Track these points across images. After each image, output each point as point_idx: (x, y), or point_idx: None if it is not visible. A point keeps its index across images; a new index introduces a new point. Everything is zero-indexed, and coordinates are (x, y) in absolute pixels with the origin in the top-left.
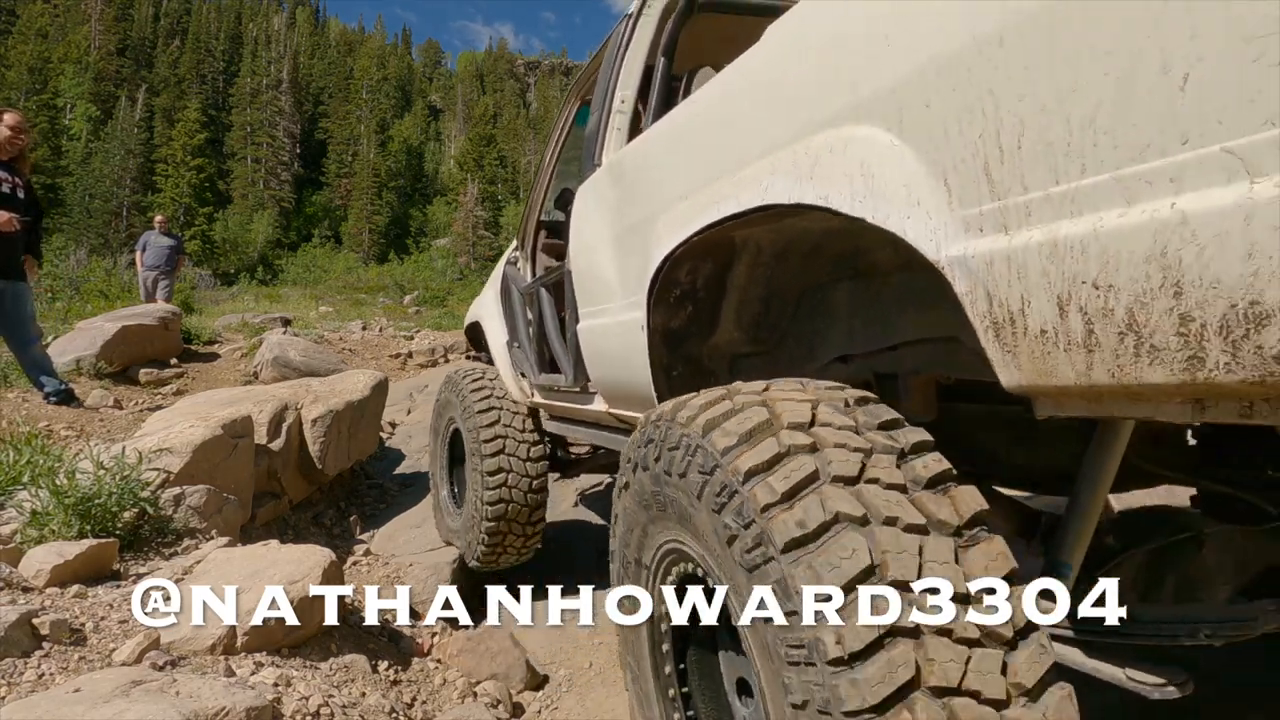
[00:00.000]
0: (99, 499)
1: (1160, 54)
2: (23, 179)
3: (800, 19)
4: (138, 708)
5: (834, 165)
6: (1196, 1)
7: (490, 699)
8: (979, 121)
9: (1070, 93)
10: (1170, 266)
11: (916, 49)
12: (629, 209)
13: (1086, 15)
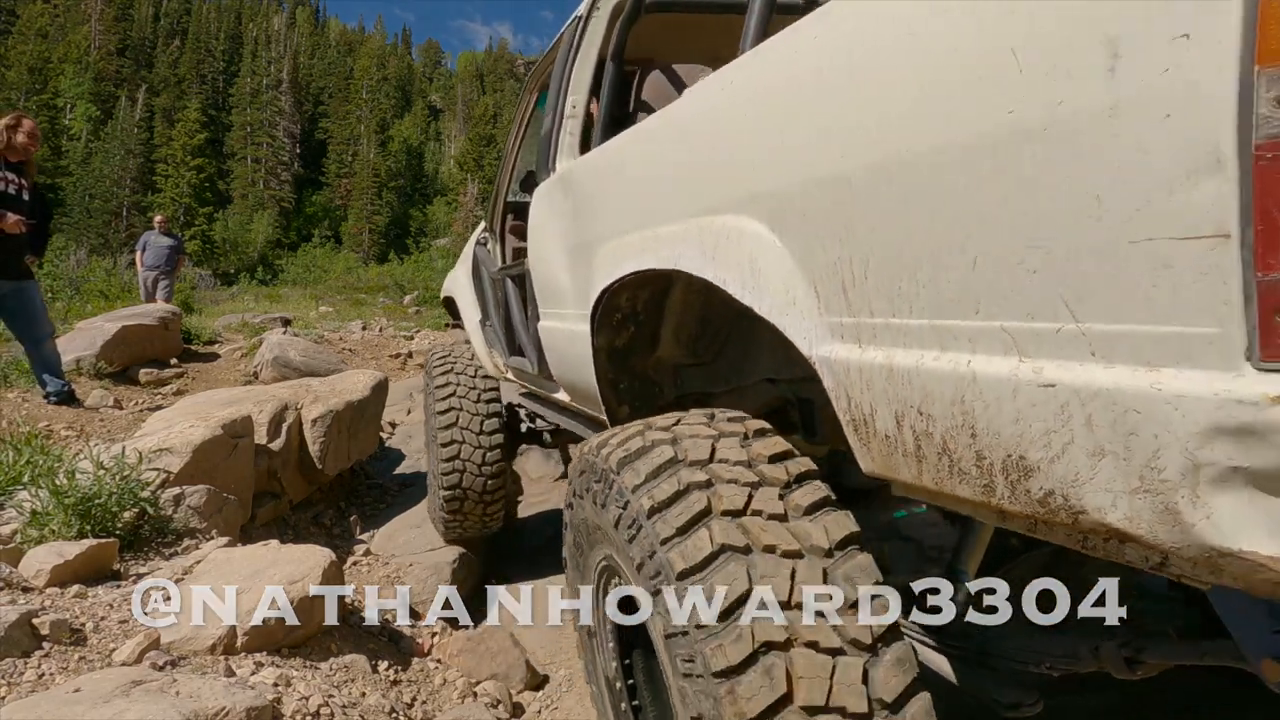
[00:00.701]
0: (99, 499)
1: (961, 233)
2: (29, 181)
3: (713, 96)
4: (138, 708)
5: (730, 252)
6: (983, 200)
7: (490, 699)
8: (839, 245)
9: (902, 243)
10: (968, 412)
11: (797, 165)
12: (577, 226)
13: (909, 181)
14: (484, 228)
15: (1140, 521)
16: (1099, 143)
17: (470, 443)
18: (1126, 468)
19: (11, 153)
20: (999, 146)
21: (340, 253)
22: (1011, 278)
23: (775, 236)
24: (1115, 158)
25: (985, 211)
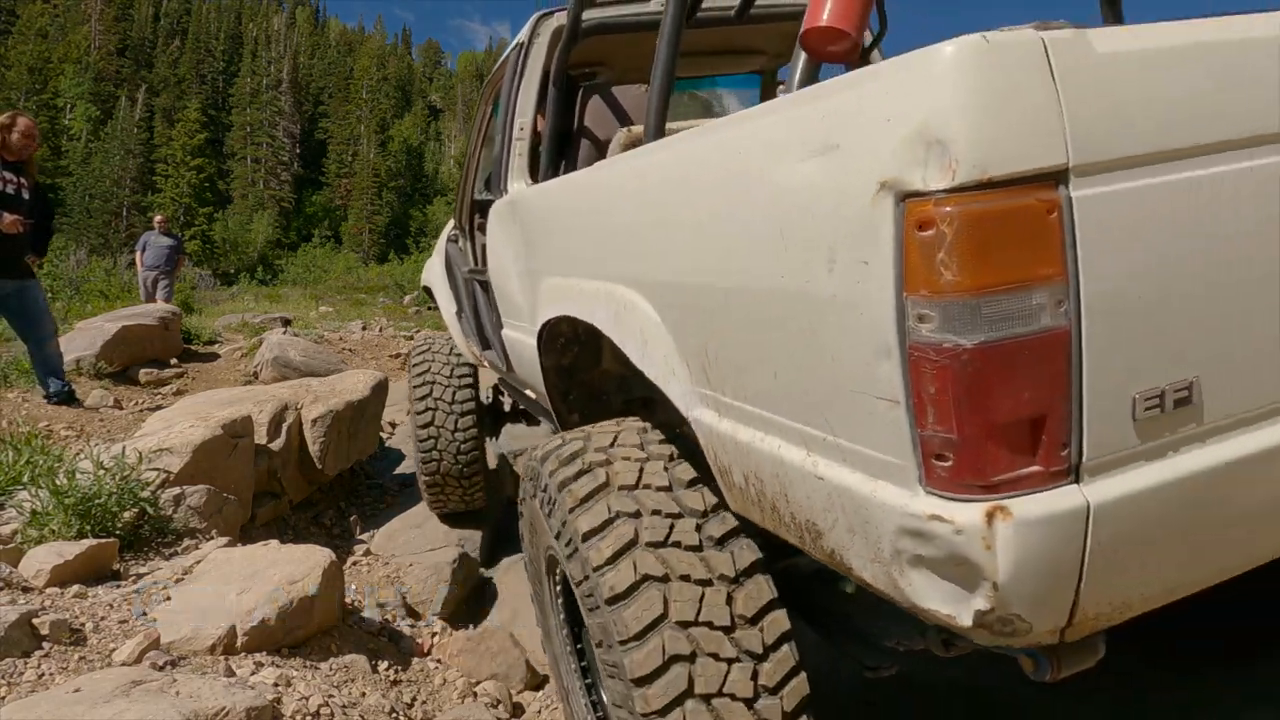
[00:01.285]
0: (99, 499)
1: (763, 351)
2: (29, 180)
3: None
4: (138, 708)
5: (629, 321)
6: (769, 331)
7: (490, 699)
8: (699, 335)
9: (733, 346)
10: (782, 485)
11: (670, 266)
12: (526, 253)
13: (729, 304)
14: (454, 224)
15: (880, 581)
16: (829, 317)
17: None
18: (866, 545)
19: (8, 152)
20: (775, 298)
21: (340, 253)
22: (797, 392)
23: (659, 316)
24: (839, 330)
25: (773, 339)
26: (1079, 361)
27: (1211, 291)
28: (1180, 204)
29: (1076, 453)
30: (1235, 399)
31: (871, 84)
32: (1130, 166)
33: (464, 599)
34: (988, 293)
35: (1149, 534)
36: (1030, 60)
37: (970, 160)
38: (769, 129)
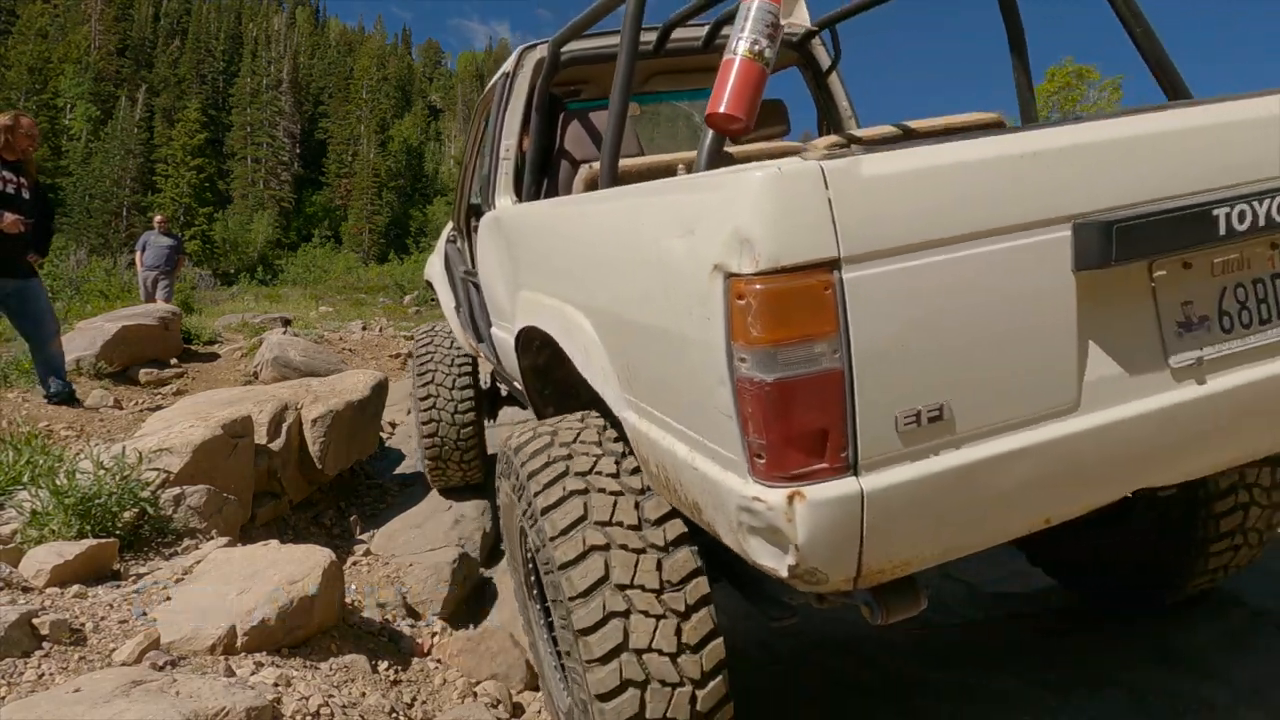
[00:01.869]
0: (99, 499)
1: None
2: (29, 179)
3: (570, 222)
4: (138, 708)
5: (576, 337)
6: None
7: (490, 699)
8: (623, 353)
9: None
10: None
11: (600, 295)
12: (509, 264)
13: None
14: (453, 227)
15: (735, 545)
16: (693, 352)
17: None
18: (724, 519)
19: (9, 152)
20: (665, 334)
21: (340, 253)
22: (682, 403)
23: (596, 335)
24: (698, 363)
25: (666, 363)
26: (851, 391)
27: (957, 338)
28: (928, 278)
29: (853, 454)
30: (980, 416)
31: (713, 193)
32: (887, 255)
33: (464, 599)
34: (782, 344)
35: (912, 512)
36: (811, 184)
37: (768, 254)
38: (659, 208)
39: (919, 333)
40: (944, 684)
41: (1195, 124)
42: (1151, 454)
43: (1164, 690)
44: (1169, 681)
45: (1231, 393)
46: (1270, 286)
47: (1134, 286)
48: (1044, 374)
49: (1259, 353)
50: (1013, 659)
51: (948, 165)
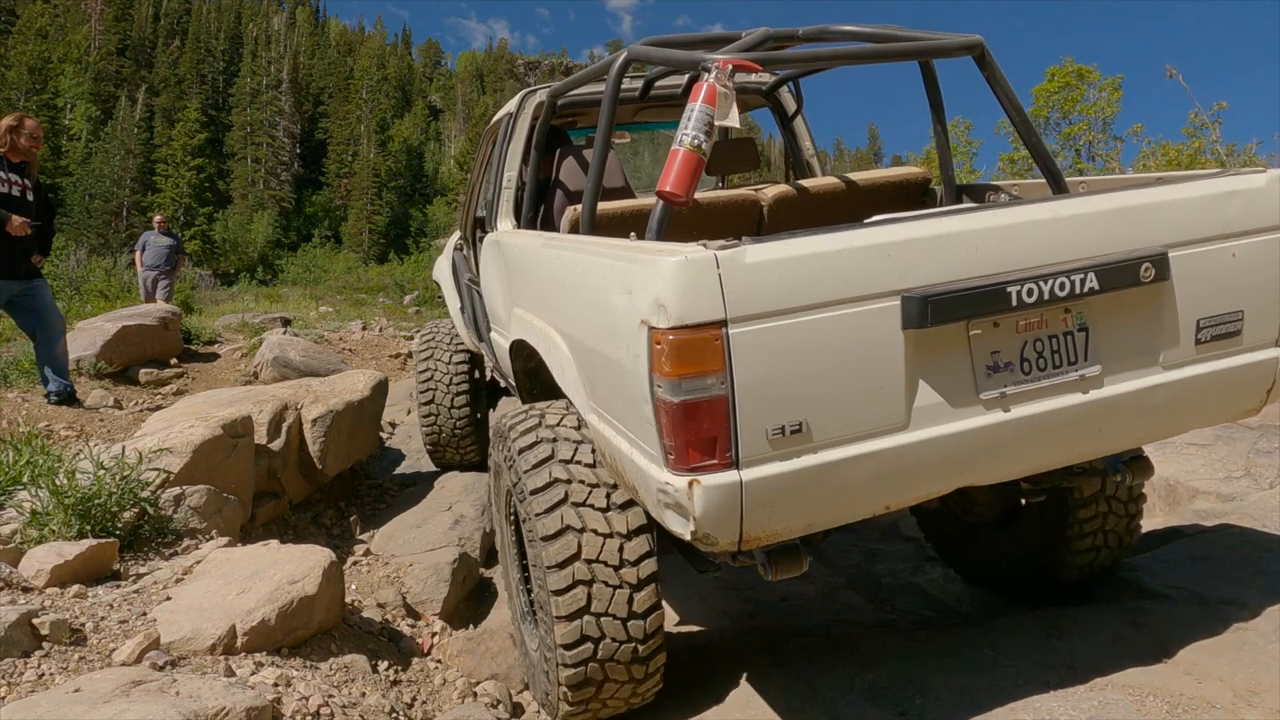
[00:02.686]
0: (99, 499)
1: (612, 391)
2: (32, 181)
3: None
4: (138, 708)
5: (555, 355)
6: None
7: (490, 699)
8: (588, 370)
9: (597, 380)
10: (623, 465)
11: (570, 323)
12: (507, 282)
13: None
14: (460, 235)
15: (658, 516)
16: (630, 378)
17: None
18: (651, 498)
19: (14, 154)
20: (614, 361)
21: (340, 253)
22: (625, 413)
23: (570, 354)
24: (633, 385)
25: (614, 382)
26: (734, 410)
27: (813, 375)
28: (792, 333)
29: (735, 454)
30: (831, 430)
31: (644, 267)
32: (760, 317)
33: (464, 599)
34: (685, 377)
35: (779, 497)
36: (708, 268)
37: (676, 315)
38: (612, 268)
39: (784, 371)
40: (945, 685)
41: (999, 223)
42: (965, 462)
43: (1164, 690)
44: (1169, 681)
45: (1028, 418)
46: (1063, 341)
47: (954, 338)
48: (881, 401)
49: (1051, 390)
50: (1014, 658)
51: (808, 254)
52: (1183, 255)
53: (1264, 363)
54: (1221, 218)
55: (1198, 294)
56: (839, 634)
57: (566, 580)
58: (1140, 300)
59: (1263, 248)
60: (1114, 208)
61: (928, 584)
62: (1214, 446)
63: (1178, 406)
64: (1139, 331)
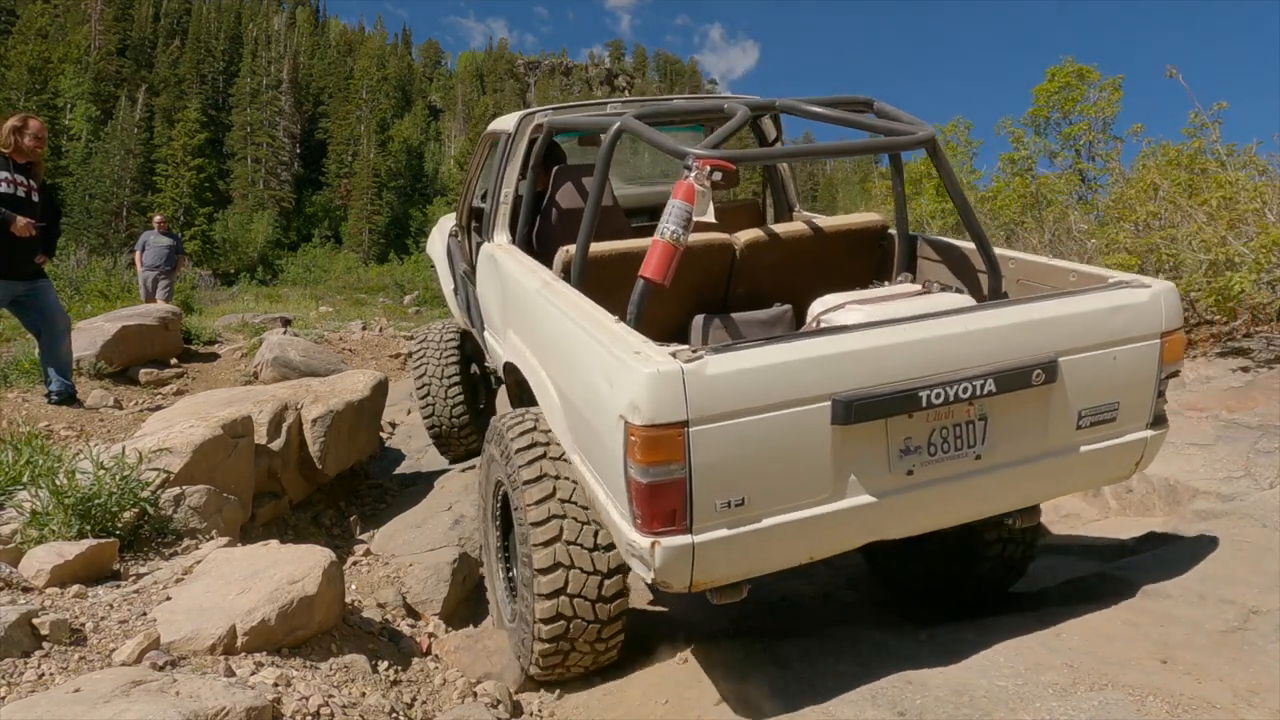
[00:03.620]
0: (99, 499)
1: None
2: (38, 182)
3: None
4: (138, 708)
5: (545, 395)
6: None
7: (490, 699)
8: (574, 421)
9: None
10: (585, 487)
11: (563, 373)
12: (501, 299)
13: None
14: (456, 223)
15: (626, 559)
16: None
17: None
18: (621, 545)
19: (20, 154)
20: (596, 430)
21: (340, 253)
22: (603, 471)
23: (559, 401)
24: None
25: (598, 447)
26: (690, 490)
27: (758, 462)
28: (741, 429)
29: (690, 522)
30: (769, 503)
31: (623, 367)
32: (716, 419)
33: (464, 599)
34: (652, 464)
35: (725, 553)
36: (675, 378)
37: (647, 416)
38: (596, 353)
39: (733, 458)
40: (945, 684)
41: (917, 337)
42: (877, 522)
43: (1164, 690)
44: (1169, 681)
45: (930, 489)
46: (965, 428)
47: (874, 429)
48: (811, 478)
49: (951, 466)
50: (1014, 658)
51: (757, 367)
52: (1071, 360)
53: (1134, 442)
54: (1109, 328)
55: (1081, 390)
56: (839, 634)
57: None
58: (1032, 396)
59: (1141, 351)
60: (1016, 322)
61: None
62: (1214, 446)
63: (1057, 476)
64: (1029, 419)
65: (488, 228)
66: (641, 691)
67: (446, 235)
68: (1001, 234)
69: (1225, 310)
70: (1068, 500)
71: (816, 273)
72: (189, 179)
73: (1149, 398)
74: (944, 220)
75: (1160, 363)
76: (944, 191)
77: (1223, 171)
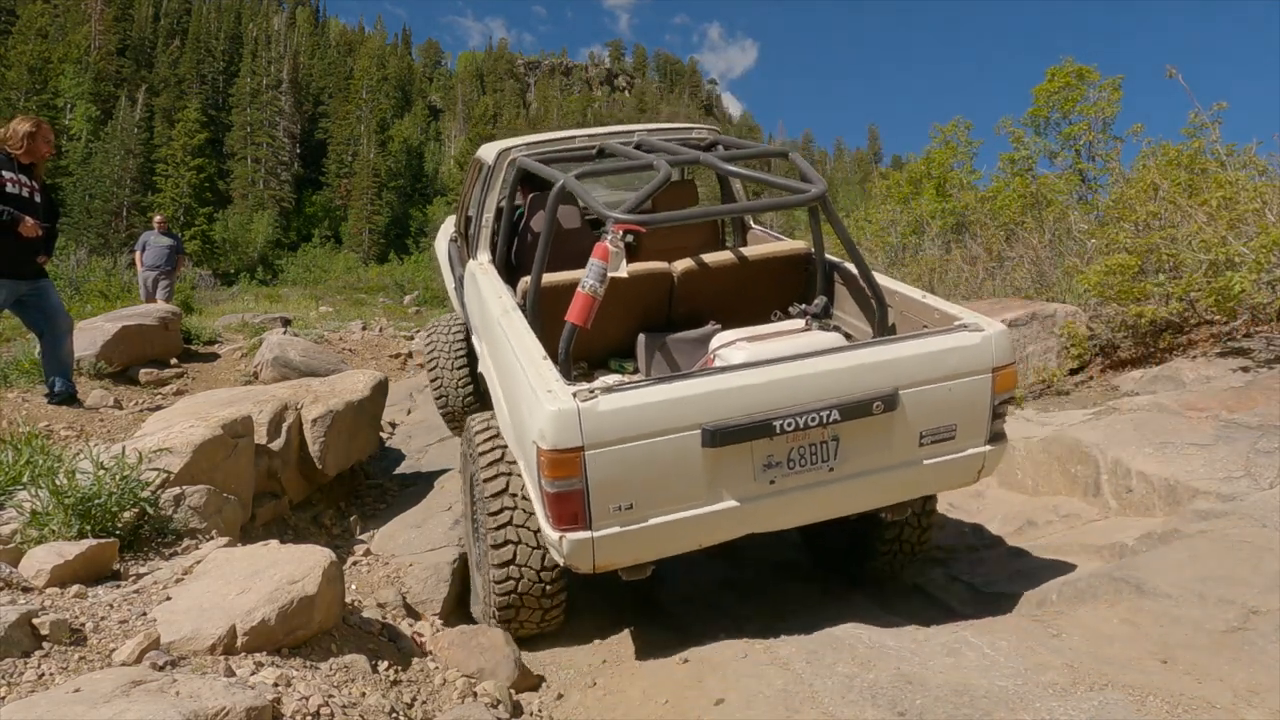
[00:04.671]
0: (99, 499)
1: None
2: (39, 183)
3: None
4: (138, 708)
5: (498, 407)
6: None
7: (490, 699)
8: (512, 433)
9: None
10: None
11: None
12: (478, 314)
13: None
14: (456, 228)
15: (548, 548)
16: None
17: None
18: (543, 536)
19: (28, 157)
20: (525, 452)
21: (340, 253)
22: (531, 478)
23: (507, 414)
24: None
25: (526, 461)
26: (588, 498)
27: (641, 476)
28: (628, 452)
29: (589, 522)
30: (652, 507)
31: (538, 401)
32: (607, 444)
33: (464, 599)
34: (556, 479)
35: (618, 544)
36: (573, 414)
37: (550, 443)
38: (525, 387)
39: (621, 474)
40: (945, 684)
41: (776, 378)
42: (746, 520)
43: (1164, 690)
44: (1169, 681)
45: (788, 495)
46: (819, 447)
47: (740, 449)
48: (687, 488)
49: (807, 477)
50: (1014, 658)
51: (640, 404)
52: (910, 392)
53: (974, 455)
54: (944, 366)
55: (921, 415)
56: (839, 634)
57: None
58: (876, 421)
59: (973, 384)
60: (861, 363)
61: (928, 585)
62: (1214, 447)
63: (904, 483)
64: (875, 439)
65: (473, 247)
66: (641, 691)
67: (448, 236)
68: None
69: (1225, 310)
70: (1068, 500)
71: (746, 295)
72: (189, 179)
73: (984, 420)
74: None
75: (993, 392)
76: (944, 191)
77: (1223, 171)
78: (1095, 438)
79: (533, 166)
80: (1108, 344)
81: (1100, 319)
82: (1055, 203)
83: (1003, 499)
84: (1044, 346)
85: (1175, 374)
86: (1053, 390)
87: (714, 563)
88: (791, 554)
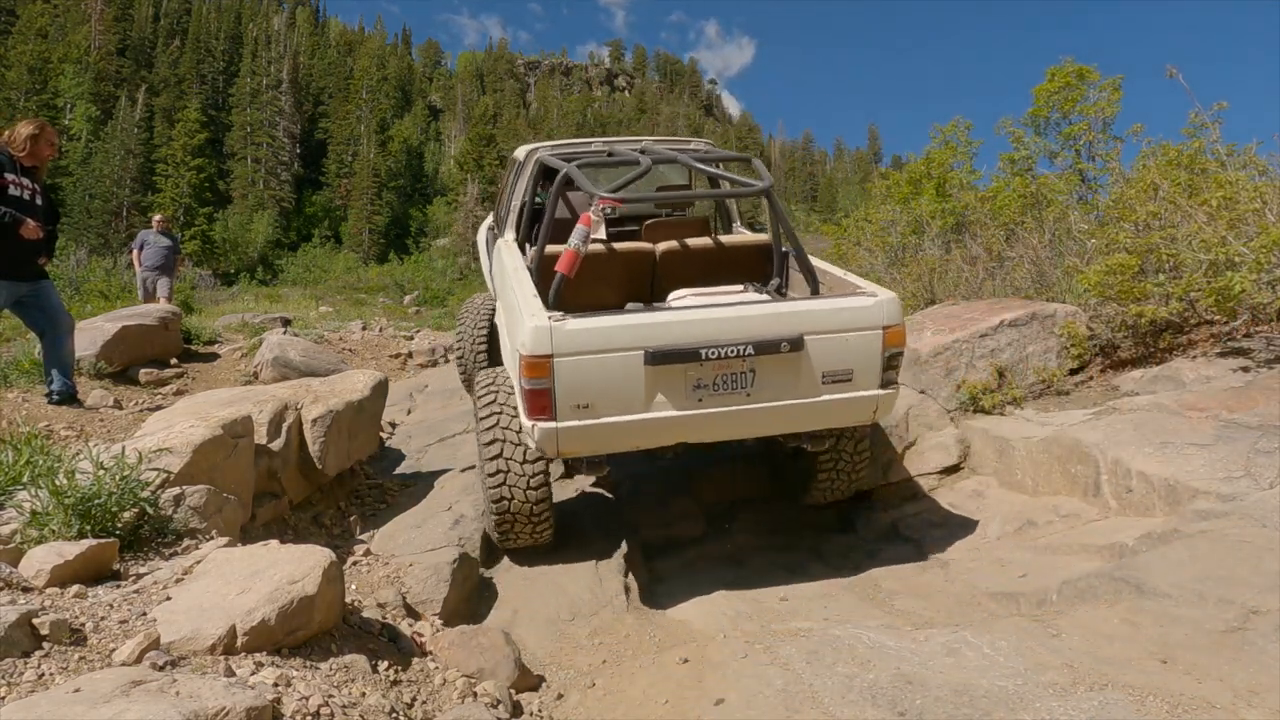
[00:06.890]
0: (99, 499)
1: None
2: (39, 185)
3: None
4: (138, 708)
5: (502, 330)
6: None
7: (490, 699)
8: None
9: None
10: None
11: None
12: (501, 276)
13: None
14: (493, 219)
15: (529, 441)
16: (514, 369)
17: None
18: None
19: (30, 159)
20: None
21: (340, 253)
22: (509, 364)
23: (507, 339)
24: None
25: (512, 369)
26: (554, 396)
27: (597, 383)
28: (588, 362)
29: (554, 414)
30: (605, 409)
31: (523, 320)
32: (571, 354)
33: (464, 599)
34: (531, 378)
35: (578, 435)
36: (547, 330)
37: (529, 350)
38: (516, 312)
39: (581, 379)
40: (945, 684)
41: (705, 317)
42: (679, 429)
43: (1164, 690)
44: (1169, 681)
45: (713, 413)
46: (739, 376)
47: (675, 371)
48: (633, 396)
49: (729, 399)
50: (1014, 658)
51: (598, 328)
52: (814, 339)
53: (868, 396)
54: (841, 320)
55: (823, 359)
56: (838, 634)
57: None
58: (787, 360)
59: (867, 337)
60: (775, 314)
61: (928, 584)
62: (1214, 446)
63: (811, 414)
64: (785, 375)
65: (501, 227)
66: (641, 691)
67: (487, 227)
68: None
69: (1225, 310)
70: (1068, 500)
71: (718, 276)
72: (189, 179)
73: (877, 369)
74: (943, 221)
75: (884, 345)
76: (944, 191)
77: (1223, 171)
78: (1095, 438)
79: (549, 160)
80: (1108, 344)
81: (1100, 319)
82: (1055, 203)
83: (1003, 499)
84: (1044, 346)
85: (1175, 374)
86: (1053, 390)
87: (715, 563)
88: (795, 555)
